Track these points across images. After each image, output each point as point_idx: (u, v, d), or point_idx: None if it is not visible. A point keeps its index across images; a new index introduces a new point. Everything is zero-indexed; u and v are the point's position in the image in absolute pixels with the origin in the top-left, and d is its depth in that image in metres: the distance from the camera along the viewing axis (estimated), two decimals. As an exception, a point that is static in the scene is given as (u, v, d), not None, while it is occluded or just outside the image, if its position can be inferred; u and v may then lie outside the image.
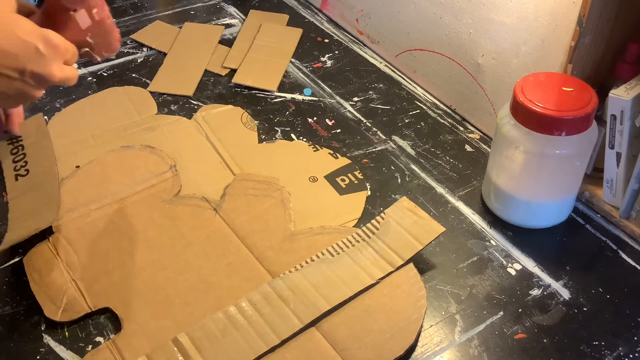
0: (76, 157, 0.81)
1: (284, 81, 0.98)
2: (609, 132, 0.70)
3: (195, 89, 0.96)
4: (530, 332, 0.63)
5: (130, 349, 0.60)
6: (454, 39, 0.88)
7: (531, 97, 0.66)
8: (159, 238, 0.70)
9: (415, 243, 0.67)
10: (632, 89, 0.67)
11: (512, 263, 0.70)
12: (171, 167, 0.79)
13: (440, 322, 0.64)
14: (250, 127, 0.88)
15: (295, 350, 0.60)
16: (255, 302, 0.62)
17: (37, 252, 0.68)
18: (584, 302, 0.66)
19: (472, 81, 0.88)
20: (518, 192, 0.72)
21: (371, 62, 1.03)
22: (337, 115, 0.91)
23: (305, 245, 0.69)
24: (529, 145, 0.67)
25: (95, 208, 0.73)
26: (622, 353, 0.61)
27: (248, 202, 0.74)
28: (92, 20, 0.59)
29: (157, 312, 0.63)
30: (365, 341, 0.60)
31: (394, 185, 0.80)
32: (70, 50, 0.57)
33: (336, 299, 0.63)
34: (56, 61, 0.54)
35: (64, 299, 0.64)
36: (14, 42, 0.51)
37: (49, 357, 0.60)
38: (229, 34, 1.09)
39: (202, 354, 0.58)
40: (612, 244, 0.72)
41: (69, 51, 0.56)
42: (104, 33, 0.62)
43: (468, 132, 0.89)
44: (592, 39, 0.69)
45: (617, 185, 0.73)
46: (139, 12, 1.14)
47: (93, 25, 0.60)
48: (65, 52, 0.56)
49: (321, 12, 1.16)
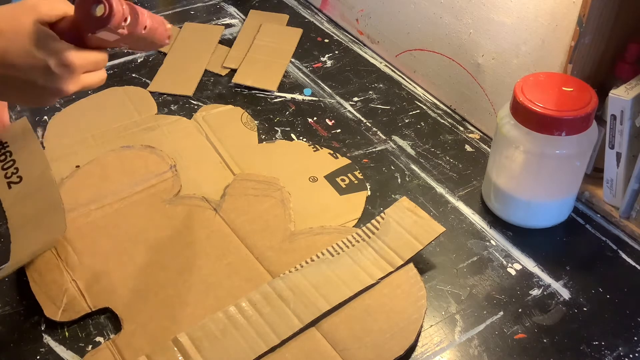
0: (76, 157, 0.81)
1: (284, 81, 0.98)
2: (609, 132, 0.70)
3: (195, 89, 0.96)
4: (530, 332, 0.63)
5: (130, 349, 0.60)
6: (454, 39, 0.88)
7: (531, 97, 0.66)
8: (159, 238, 0.70)
9: (415, 243, 0.67)
10: (632, 89, 0.67)
11: (512, 263, 0.70)
12: (171, 167, 0.79)
13: (440, 322, 0.64)
14: (250, 127, 0.88)
15: (295, 350, 0.60)
16: (255, 302, 0.62)
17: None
18: (584, 302, 0.66)
19: (472, 81, 0.88)
20: (518, 192, 0.72)
21: (371, 62, 1.03)
22: (337, 115, 0.91)
23: (305, 245, 0.69)
24: (529, 145, 0.67)
25: (95, 208, 0.73)
26: (622, 353, 0.61)
27: (248, 202, 0.74)
28: (120, 34, 0.53)
29: (157, 312, 0.63)
30: (365, 341, 0.60)
31: (394, 185, 0.80)
32: (91, 62, 0.54)
33: (336, 299, 0.63)
34: (69, 78, 0.52)
35: (64, 299, 0.64)
36: (25, 56, 0.50)
37: (49, 357, 0.60)
38: (229, 34, 1.09)
39: (202, 354, 0.58)
40: (612, 244, 0.72)
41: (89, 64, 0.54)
42: (142, 38, 0.56)
43: (468, 132, 0.89)
44: (592, 39, 0.69)
45: (617, 185, 0.73)
46: (139, 12, 1.14)
47: (125, 36, 0.54)
48: (82, 68, 0.53)
49: (321, 12, 1.16)
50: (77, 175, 0.77)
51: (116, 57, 1.01)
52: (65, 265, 0.67)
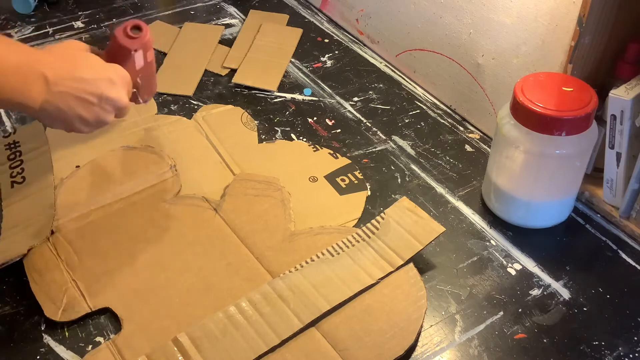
0: (76, 157, 0.81)
1: (284, 81, 0.98)
2: (609, 132, 0.70)
3: (195, 89, 0.96)
4: (530, 332, 0.63)
5: (130, 349, 0.60)
6: (454, 39, 0.88)
7: (531, 97, 0.66)
8: (159, 238, 0.70)
9: (415, 243, 0.67)
10: (632, 89, 0.67)
11: (512, 263, 0.70)
12: (171, 167, 0.79)
13: (440, 322, 0.64)
14: (250, 127, 0.88)
15: (295, 350, 0.60)
16: (255, 302, 0.62)
17: (37, 252, 0.68)
18: (584, 302, 0.66)
19: (472, 81, 0.88)
20: (518, 192, 0.72)
21: (371, 62, 1.03)
22: (337, 115, 0.91)
23: (305, 245, 0.69)
24: (529, 145, 0.67)
25: (95, 208, 0.73)
26: (622, 353, 0.61)
27: (248, 202, 0.74)
28: (144, 62, 0.67)
29: (157, 312, 0.63)
30: (365, 341, 0.60)
31: (394, 185, 0.80)
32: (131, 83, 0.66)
33: (336, 299, 0.63)
34: (124, 88, 0.64)
35: (64, 299, 0.64)
36: (93, 72, 0.61)
37: (49, 357, 0.60)
38: (229, 34, 1.09)
39: (202, 354, 0.58)
40: (612, 244, 0.72)
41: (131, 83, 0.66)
42: (150, 76, 0.70)
43: (468, 132, 0.89)
44: (592, 39, 0.69)
45: (617, 185, 0.73)
46: (139, 12, 1.14)
47: (145, 66, 0.68)
48: (129, 83, 0.65)
49: (321, 12, 1.16)
50: (77, 175, 0.77)
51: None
52: (65, 265, 0.67)
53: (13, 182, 0.73)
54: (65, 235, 0.70)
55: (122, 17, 1.12)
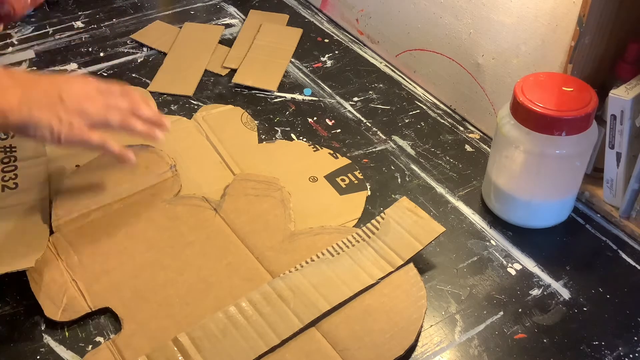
0: (76, 157, 0.81)
1: (284, 81, 0.98)
2: (609, 132, 0.70)
3: (195, 89, 0.96)
4: (530, 332, 0.63)
5: (130, 349, 0.60)
6: (454, 39, 0.88)
7: (531, 97, 0.66)
8: (159, 238, 0.70)
9: (415, 243, 0.67)
10: (632, 89, 0.67)
11: (512, 263, 0.70)
12: (171, 167, 0.79)
13: (440, 322, 0.64)
14: (250, 127, 0.88)
15: (295, 350, 0.60)
16: (255, 302, 0.62)
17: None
18: (584, 302, 0.66)
19: (472, 81, 0.88)
20: (518, 192, 0.72)
21: (371, 62, 1.03)
22: (337, 115, 0.91)
23: (305, 245, 0.69)
24: (529, 145, 0.67)
25: (95, 208, 0.73)
26: (622, 353, 0.61)
27: (248, 202, 0.74)
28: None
29: (157, 312, 0.63)
30: (365, 341, 0.60)
31: (394, 185, 0.80)
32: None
33: (336, 299, 0.63)
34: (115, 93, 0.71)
35: (64, 299, 0.64)
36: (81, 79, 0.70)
37: (49, 357, 0.60)
38: (229, 34, 1.09)
39: (202, 354, 0.58)
40: (612, 244, 0.72)
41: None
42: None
43: (468, 132, 0.89)
44: (592, 39, 0.69)
45: (617, 185, 0.73)
46: (139, 12, 1.14)
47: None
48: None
49: (321, 12, 1.16)
50: (77, 175, 0.77)
51: (116, 57, 1.01)
52: (65, 265, 0.67)
53: (4, 185, 0.73)
54: (65, 235, 0.70)
55: (122, 17, 1.12)
